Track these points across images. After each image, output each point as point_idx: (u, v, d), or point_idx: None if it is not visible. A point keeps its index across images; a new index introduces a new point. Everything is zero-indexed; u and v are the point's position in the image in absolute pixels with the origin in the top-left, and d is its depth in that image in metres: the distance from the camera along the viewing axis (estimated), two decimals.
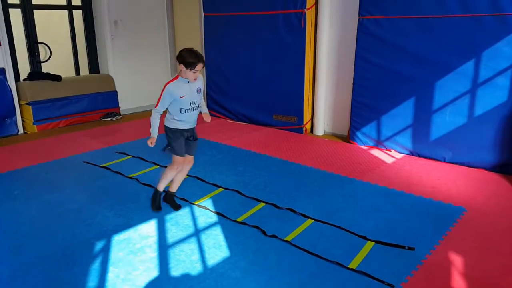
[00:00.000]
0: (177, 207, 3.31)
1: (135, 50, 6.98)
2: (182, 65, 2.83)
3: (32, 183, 3.90)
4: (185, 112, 2.99)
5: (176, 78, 2.93)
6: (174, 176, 3.25)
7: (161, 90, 2.92)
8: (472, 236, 2.90)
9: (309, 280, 2.41)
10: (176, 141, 3.06)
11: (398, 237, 2.86)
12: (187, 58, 2.80)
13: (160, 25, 7.27)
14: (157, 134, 3.01)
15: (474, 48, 4.05)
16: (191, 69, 2.83)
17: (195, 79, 2.90)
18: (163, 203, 3.36)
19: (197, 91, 3.00)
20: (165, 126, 3.09)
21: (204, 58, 2.89)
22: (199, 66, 2.84)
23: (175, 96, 2.89)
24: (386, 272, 2.46)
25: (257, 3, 5.68)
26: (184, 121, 3.03)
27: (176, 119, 3.01)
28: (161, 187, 3.27)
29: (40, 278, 2.43)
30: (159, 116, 2.99)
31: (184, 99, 2.93)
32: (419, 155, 4.63)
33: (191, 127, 3.11)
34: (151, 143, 3.01)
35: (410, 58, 4.47)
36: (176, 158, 3.12)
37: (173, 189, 3.34)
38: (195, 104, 3.02)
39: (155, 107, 2.95)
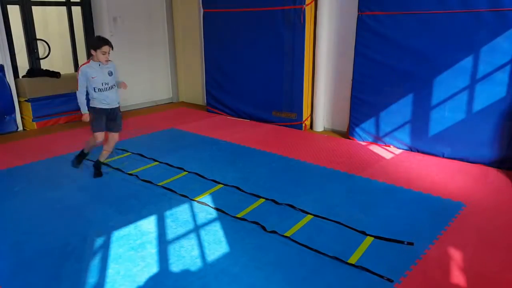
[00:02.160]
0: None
1: (134, 47, 6.96)
2: None
3: (32, 180, 3.90)
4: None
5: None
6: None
7: None
8: (471, 231, 2.91)
9: (308, 275, 2.42)
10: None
11: (397, 232, 2.87)
12: None
13: (159, 21, 7.24)
14: None
15: (473, 43, 4.05)
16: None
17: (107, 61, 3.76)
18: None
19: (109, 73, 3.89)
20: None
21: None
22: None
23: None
24: (385, 267, 2.47)
25: None
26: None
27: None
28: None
29: (41, 275, 2.44)
30: None
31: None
32: (418, 151, 4.63)
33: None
34: None
35: (409, 54, 4.46)
36: None
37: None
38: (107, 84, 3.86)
39: None
